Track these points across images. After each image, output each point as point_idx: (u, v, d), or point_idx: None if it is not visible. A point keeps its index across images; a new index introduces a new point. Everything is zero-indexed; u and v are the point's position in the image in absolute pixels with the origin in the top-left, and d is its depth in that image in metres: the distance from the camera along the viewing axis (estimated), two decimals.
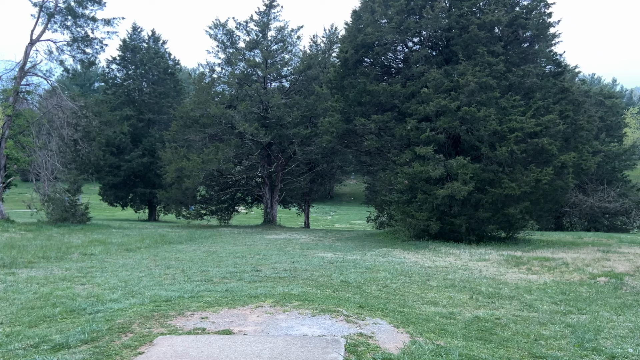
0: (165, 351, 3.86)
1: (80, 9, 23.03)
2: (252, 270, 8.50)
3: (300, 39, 44.46)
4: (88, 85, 75.86)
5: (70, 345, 3.99)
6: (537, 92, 15.61)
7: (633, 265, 10.02)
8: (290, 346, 4.02)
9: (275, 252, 11.78)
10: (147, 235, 16.00)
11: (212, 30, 27.15)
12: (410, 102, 16.10)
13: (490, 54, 15.33)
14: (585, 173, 17.87)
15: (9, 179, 23.09)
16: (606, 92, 36.86)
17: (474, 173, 14.47)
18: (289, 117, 24.18)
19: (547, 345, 4.41)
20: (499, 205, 14.73)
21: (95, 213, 27.57)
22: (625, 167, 32.05)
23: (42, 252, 10.54)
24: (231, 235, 18.08)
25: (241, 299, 5.85)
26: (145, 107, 37.69)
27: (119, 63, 38.31)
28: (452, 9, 16.32)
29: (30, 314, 5.06)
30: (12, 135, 20.93)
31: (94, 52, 24.09)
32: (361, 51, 17.52)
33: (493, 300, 6.40)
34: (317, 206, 46.82)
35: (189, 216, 27.04)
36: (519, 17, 15.81)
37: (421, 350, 4.03)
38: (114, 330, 4.43)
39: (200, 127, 25.32)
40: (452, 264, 10.11)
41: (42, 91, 24.61)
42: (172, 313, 5.11)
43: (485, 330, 4.84)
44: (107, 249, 11.67)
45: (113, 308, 5.28)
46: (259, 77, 26.36)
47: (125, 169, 34.94)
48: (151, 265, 9.05)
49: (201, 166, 22.93)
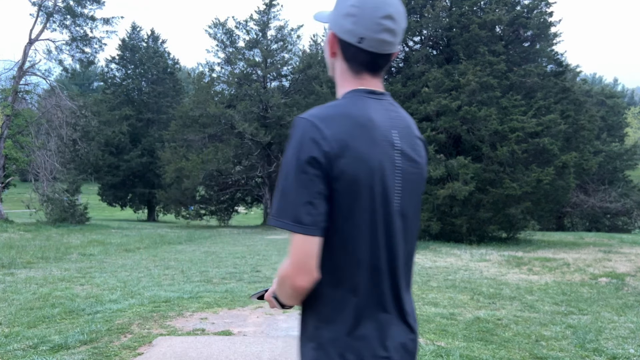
0: (164, 352, 3.83)
1: (79, 8, 23.02)
2: (252, 270, 8.47)
3: (300, 38, 44.53)
4: (87, 85, 75.84)
5: (69, 346, 3.96)
6: (538, 91, 15.59)
7: (634, 265, 9.99)
8: (290, 347, 3.99)
9: (275, 253, 11.75)
10: (146, 236, 15.97)
11: (211, 29, 27.15)
12: (410, 101, 16.07)
13: (491, 54, 15.31)
14: (587, 173, 17.88)
15: (8, 179, 23.05)
16: (607, 92, 36.87)
17: (474, 173, 14.45)
18: (288, 117, 24.16)
19: (548, 346, 4.38)
20: (500, 206, 14.70)
21: (94, 213, 27.55)
22: (626, 167, 32.04)
23: (41, 252, 10.50)
24: (231, 236, 18.05)
25: (241, 300, 5.82)
26: (144, 107, 37.65)
27: (118, 62, 38.27)
28: (453, 8, 16.30)
29: (29, 314, 5.02)
30: (10, 135, 20.90)
31: (93, 51, 24.10)
32: None
33: (494, 300, 6.37)
34: None
35: (189, 216, 27.02)
36: (520, 17, 15.80)
37: (422, 351, 4.00)
38: (113, 331, 4.40)
39: (199, 127, 25.30)
40: (453, 265, 10.08)
41: (41, 91, 24.57)
42: (172, 314, 5.08)
43: (486, 331, 4.81)
44: (106, 250, 11.64)
45: (112, 309, 5.25)
46: (258, 77, 26.34)
47: (124, 169, 34.90)
48: (150, 266, 9.02)
49: (200, 166, 22.91)
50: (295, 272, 1.04)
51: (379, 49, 1.13)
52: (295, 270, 1.04)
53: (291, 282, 1.05)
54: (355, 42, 1.13)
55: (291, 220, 1.02)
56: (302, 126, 1.06)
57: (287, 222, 1.02)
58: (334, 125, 1.06)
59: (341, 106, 1.11)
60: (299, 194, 1.02)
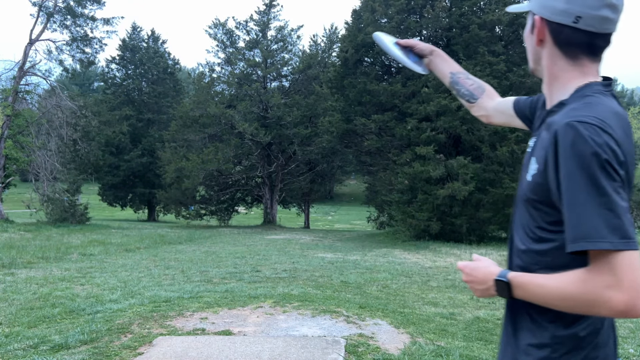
0: (164, 352, 3.83)
1: (80, 8, 23.02)
2: (252, 270, 8.48)
3: (300, 39, 44.50)
4: (87, 85, 75.84)
5: (70, 345, 3.96)
6: (537, 92, 15.58)
7: None
8: (290, 347, 4.00)
9: (275, 253, 11.76)
10: (146, 236, 15.98)
11: (211, 29, 27.15)
12: (410, 101, 16.09)
13: (491, 54, 15.32)
14: None
15: (8, 179, 23.06)
16: None
17: (474, 173, 14.46)
18: (289, 117, 24.17)
19: None
20: (499, 206, 14.71)
21: (94, 213, 27.54)
22: None
23: (41, 252, 10.51)
24: (231, 236, 18.05)
25: (241, 300, 5.83)
26: (144, 107, 37.65)
27: (119, 63, 38.25)
28: (453, 8, 16.31)
29: (29, 314, 5.03)
30: (11, 135, 20.91)
31: (93, 51, 24.10)
32: (361, 51, 17.50)
33: (494, 300, 6.38)
34: (317, 206, 46.82)
35: (189, 216, 27.01)
36: (520, 17, 15.79)
37: (422, 350, 4.00)
38: (113, 330, 4.41)
39: (199, 127, 25.30)
40: (453, 265, 10.09)
41: (42, 91, 24.58)
42: (172, 314, 5.09)
43: (486, 330, 4.81)
44: (107, 250, 11.64)
45: (112, 308, 5.26)
46: (258, 77, 26.34)
47: (124, 169, 34.89)
48: (150, 266, 9.02)
49: (201, 166, 22.92)
50: (634, 298, 0.89)
51: (599, 27, 1.04)
52: (634, 297, 0.89)
53: (625, 309, 0.90)
54: (571, 22, 1.04)
55: (620, 238, 0.90)
56: (595, 133, 0.94)
57: (616, 242, 0.90)
58: (616, 128, 0.97)
59: (605, 105, 1.01)
60: (617, 208, 0.91)
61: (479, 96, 1.54)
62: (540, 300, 1.03)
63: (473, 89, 1.55)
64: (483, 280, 1.14)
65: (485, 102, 1.54)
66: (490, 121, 1.55)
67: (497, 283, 1.10)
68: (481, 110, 1.55)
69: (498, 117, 1.51)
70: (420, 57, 1.63)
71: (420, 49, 1.62)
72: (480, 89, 1.56)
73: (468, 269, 1.19)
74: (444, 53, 1.63)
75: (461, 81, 1.57)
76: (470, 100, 1.55)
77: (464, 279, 1.20)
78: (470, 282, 1.18)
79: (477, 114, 1.57)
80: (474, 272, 1.16)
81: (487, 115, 1.54)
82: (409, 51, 1.61)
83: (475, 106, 1.56)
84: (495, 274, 1.11)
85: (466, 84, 1.57)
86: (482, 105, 1.54)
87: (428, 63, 1.63)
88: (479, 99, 1.54)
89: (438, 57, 1.62)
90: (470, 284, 1.18)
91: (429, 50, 1.62)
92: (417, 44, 1.62)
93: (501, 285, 1.09)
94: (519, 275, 1.08)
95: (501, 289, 1.09)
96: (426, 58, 1.63)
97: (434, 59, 1.62)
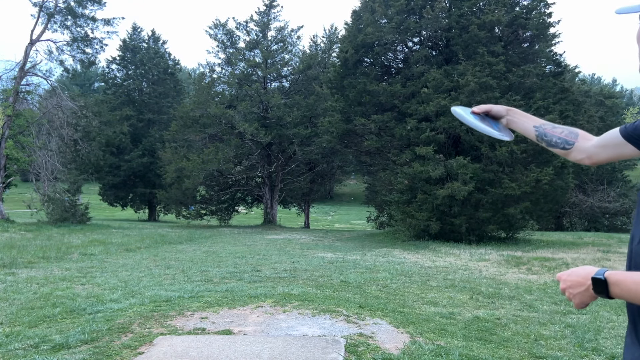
0: (165, 351, 3.85)
1: (80, 8, 23.04)
2: (252, 270, 8.49)
3: (300, 39, 44.54)
4: (88, 85, 75.87)
5: (70, 345, 3.98)
6: (537, 92, 15.61)
7: None
8: (290, 346, 4.01)
9: (275, 252, 11.77)
10: (147, 236, 16.00)
11: (212, 30, 27.15)
12: (410, 102, 16.10)
13: (491, 54, 15.33)
14: (586, 173, 17.93)
15: (9, 179, 23.09)
16: (606, 92, 36.84)
17: (474, 173, 14.47)
18: (289, 117, 24.18)
19: (547, 346, 4.40)
20: (499, 206, 14.73)
21: (95, 213, 27.57)
22: (625, 167, 32.09)
23: (42, 252, 10.53)
24: (231, 236, 18.07)
25: (241, 299, 5.85)
26: (145, 107, 37.68)
27: (119, 63, 38.29)
28: (452, 9, 16.32)
29: (30, 314, 5.05)
30: (12, 135, 20.94)
31: (94, 52, 24.12)
32: (361, 51, 17.52)
33: (493, 300, 6.40)
34: (317, 206, 46.85)
35: (189, 216, 27.02)
36: (519, 17, 15.81)
37: (421, 350, 4.02)
38: (113, 330, 4.43)
39: (200, 127, 25.32)
40: (452, 264, 10.10)
41: (42, 91, 24.63)
42: (172, 313, 5.11)
43: (486, 330, 4.83)
44: (107, 249, 11.67)
45: (113, 308, 5.27)
46: (259, 77, 26.35)
47: (125, 169, 34.93)
48: (151, 266, 9.04)
49: (201, 166, 22.94)
50: None
51: None
52: None
53: None
54: None
55: None
56: None
57: None
58: None
59: None
60: None
61: (574, 140, 1.52)
62: (636, 297, 1.03)
63: (564, 135, 1.54)
64: (581, 282, 1.13)
65: (583, 144, 1.51)
66: (594, 161, 1.51)
67: (594, 281, 1.09)
68: (581, 153, 1.51)
69: (602, 153, 1.47)
70: (497, 119, 1.63)
71: (496, 111, 1.62)
72: (572, 133, 1.54)
73: (564, 275, 1.19)
74: (519, 110, 1.64)
75: (549, 132, 1.56)
76: (566, 147, 1.53)
77: (562, 287, 1.18)
78: (568, 289, 1.16)
79: (577, 157, 1.53)
80: (571, 277, 1.16)
81: (589, 156, 1.50)
82: (486, 117, 1.62)
83: (573, 151, 1.53)
84: (593, 272, 1.11)
85: (555, 132, 1.55)
86: (580, 148, 1.51)
87: (507, 123, 1.63)
88: (575, 143, 1.52)
89: (516, 114, 1.62)
90: (568, 291, 1.17)
91: (505, 110, 1.62)
92: (492, 108, 1.62)
93: (598, 284, 1.08)
94: (617, 272, 1.07)
95: (598, 288, 1.08)
96: (503, 118, 1.63)
97: (512, 118, 1.62)
